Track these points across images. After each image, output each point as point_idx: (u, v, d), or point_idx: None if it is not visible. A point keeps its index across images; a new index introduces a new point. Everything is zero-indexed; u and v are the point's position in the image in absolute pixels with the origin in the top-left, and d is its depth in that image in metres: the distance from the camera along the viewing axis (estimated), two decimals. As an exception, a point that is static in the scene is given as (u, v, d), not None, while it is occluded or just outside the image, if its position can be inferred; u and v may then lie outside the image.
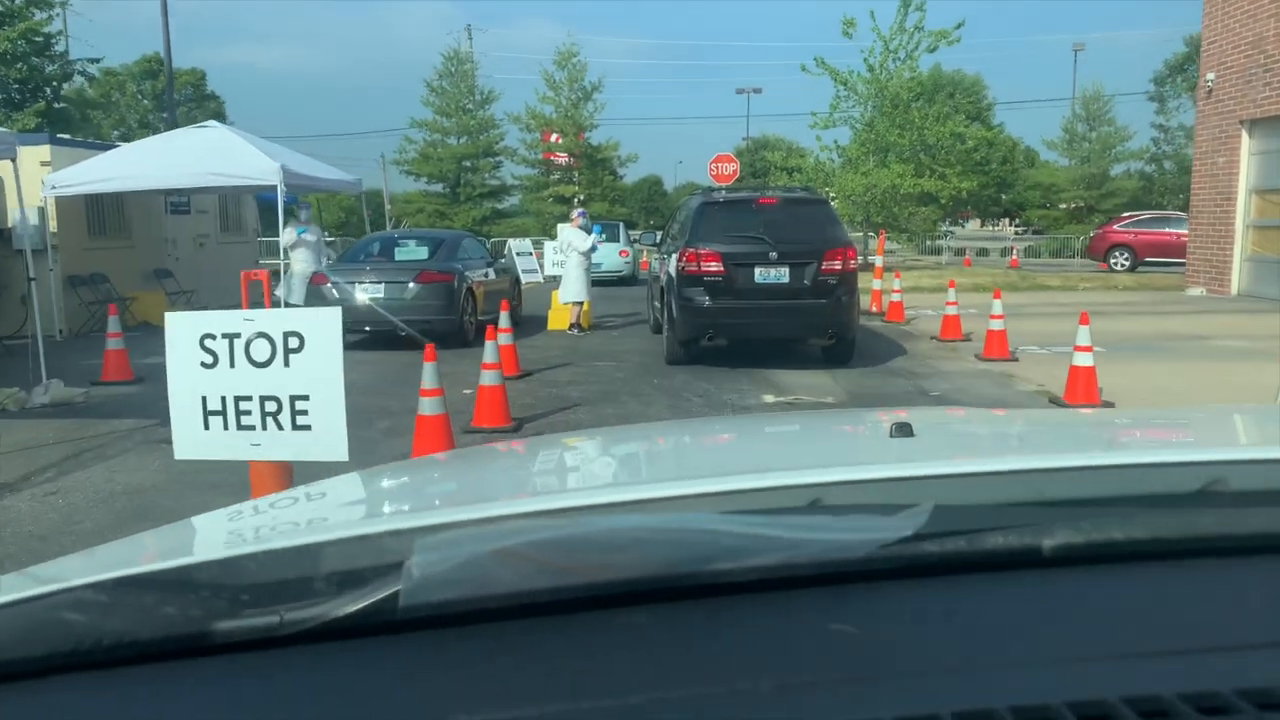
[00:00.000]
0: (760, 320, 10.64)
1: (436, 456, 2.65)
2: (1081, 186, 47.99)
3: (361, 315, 11.89)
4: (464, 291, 12.25)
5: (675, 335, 11.06)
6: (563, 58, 46.65)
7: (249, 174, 13.32)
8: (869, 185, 26.67)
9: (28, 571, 1.05)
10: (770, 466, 1.45)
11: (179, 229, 17.53)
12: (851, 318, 10.96)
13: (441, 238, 13.23)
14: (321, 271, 12.21)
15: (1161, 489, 1.04)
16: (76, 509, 5.87)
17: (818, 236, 10.77)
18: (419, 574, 0.81)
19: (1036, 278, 23.92)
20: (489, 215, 48.03)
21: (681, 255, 10.87)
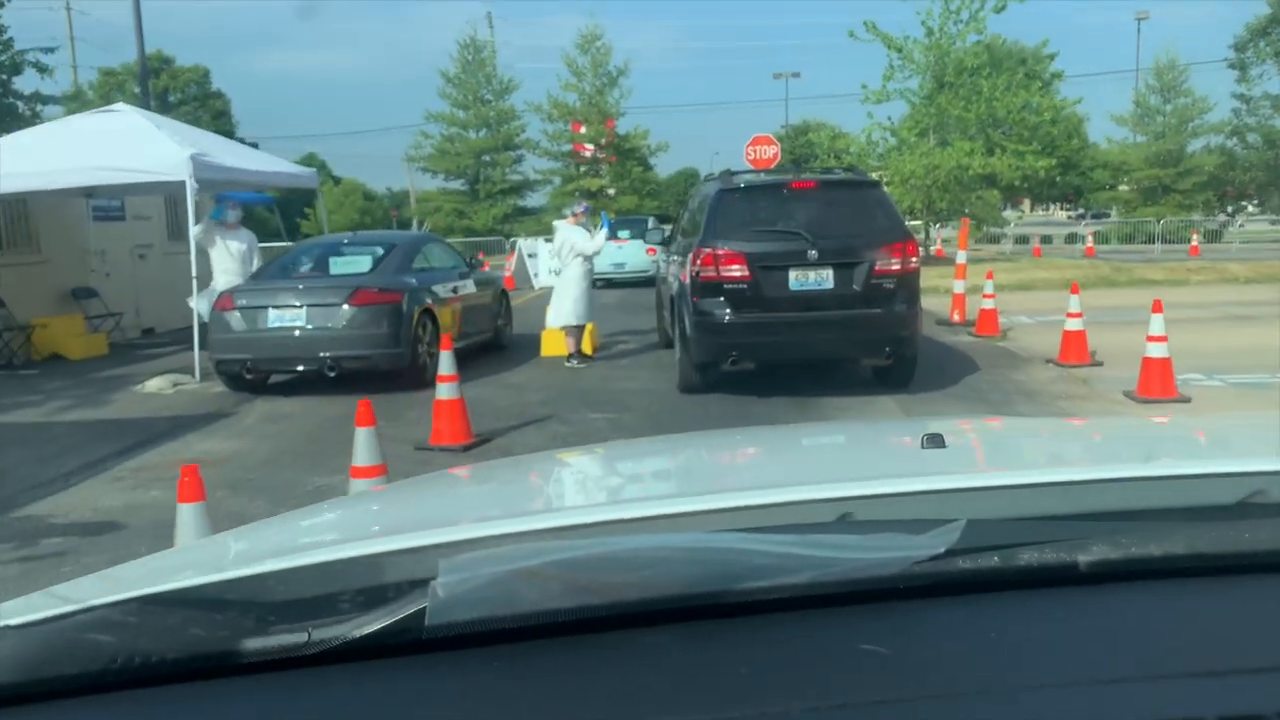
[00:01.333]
0: (797, 338, 7.95)
1: (459, 471, 2.18)
2: (1155, 164, 43.80)
3: (275, 350, 8.84)
4: (417, 315, 9.13)
5: (689, 358, 8.35)
6: (585, 41, 43.53)
7: (150, 167, 10.43)
8: (930, 166, 23.16)
9: (53, 590, 1.03)
10: (799, 480, 1.41)
11: (109, 239, 14.64)
12: (914, 331, 8.16)
13: (392, 243, 10.10)
14: (228, 293, 9.16)
15: (1200, 501, 1.01)
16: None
17: (869, 229, 7.98)
18: (444, 593, 0.79)
19: (1132, 270, 20.32)
20: (510, 213, 45.11)
21: (695, 257, 7.83)
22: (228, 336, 8.85)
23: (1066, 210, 72.70)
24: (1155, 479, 1.14)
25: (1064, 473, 1.21)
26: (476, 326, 11.14)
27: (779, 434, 2.62)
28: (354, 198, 50.00)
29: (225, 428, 7.79)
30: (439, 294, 10.00)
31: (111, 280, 14.58)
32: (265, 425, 7.81)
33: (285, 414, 8.29)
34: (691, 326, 8.16)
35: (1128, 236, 41.45)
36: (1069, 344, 9.32)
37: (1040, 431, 2.03)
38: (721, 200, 8.20)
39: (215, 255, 11.00)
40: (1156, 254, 31.30)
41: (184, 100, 45.81)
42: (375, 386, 9.01)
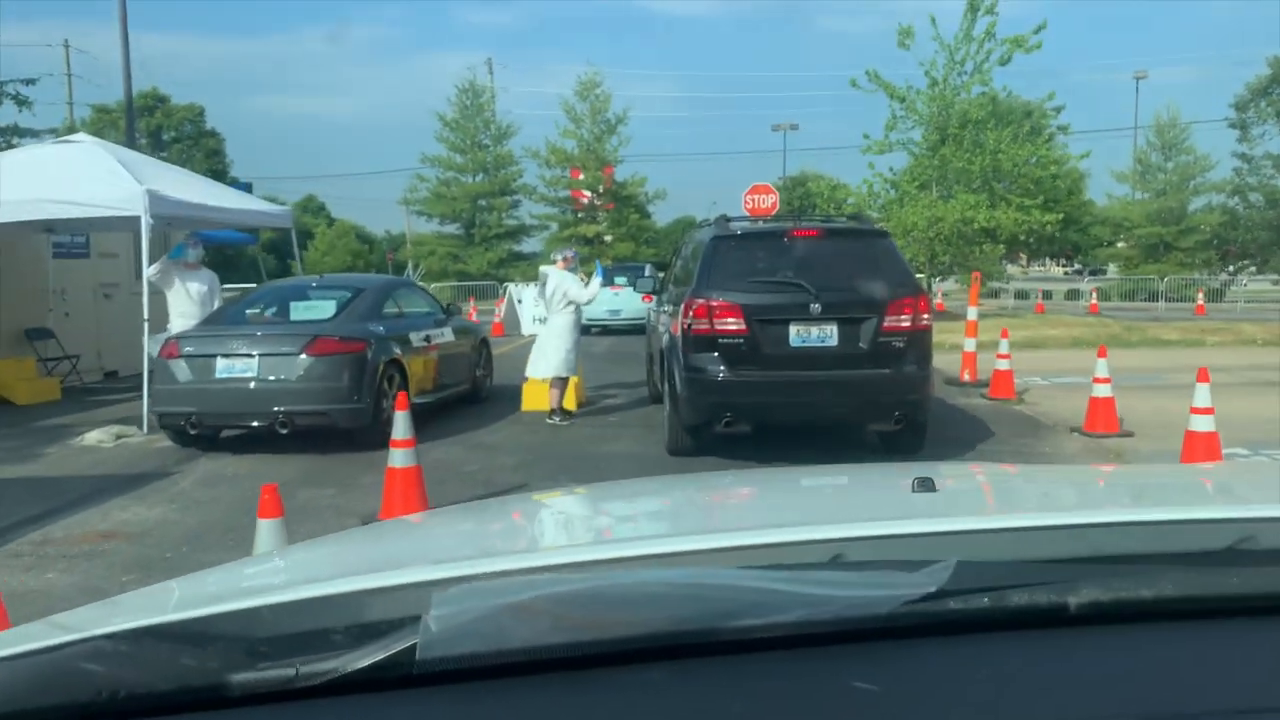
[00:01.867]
0: (797, 399, 7.22)
1: (452, 509, 2.44)
2: (1157, 221, 43.42)
3: (223, 404, 7.99)
4: (382, 366, 8.30)
5: (679, 419, 7.57)
6: (584, 88, 43.33)
7: (102, 201, 9.68)
8: (933, 219, 22.53)
9: (50, 620, 1.04)
10: (790, 521, 1.42)
11: (71, 276, 13.84)
12: (926, 394, 7.43)
13: (359, 287, 9.29)
14: (174, 339, 8.33)
15: (1189, 547, 1.02)
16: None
17: (876, 281, 7.26)
18: (436, 628, 0.80)
19: (1144, 329, 19.59)
20: (506, 258, 44.50)
21: (687, 308, 7.10)
22: (172, 387, 8.02)
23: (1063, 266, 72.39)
24: (1145, 524, 1.14)
25: (1055, 517, 1.24)
26: (453, 378, 10.32)
27: (770, 476, 2.50)
28: (347, 240, 49.37)
29: (156, 491, 6.92)
30: (411, 343, 9.19)
31: (72, 320, 13.77)
32: (202, 490, 6.95)
33: (228, 476, 7.43)
34: (682, 384, 7.36)
35: (1129, 293, 40.94)
36: (1096, 412, 8.49)
37: (1031, 476, 2.05)
38: (717, 248, 7.45)
39: (173, 297, 10.21)
40: (1161, 312, 30.68)
41: (178, 139, 45.45)
42: (334, 445, 8.18)
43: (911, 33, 23.29)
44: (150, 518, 6.17)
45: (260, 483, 7.30)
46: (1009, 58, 23.01)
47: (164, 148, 45.68)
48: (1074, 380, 12.44)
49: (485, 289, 38.21)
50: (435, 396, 9.76)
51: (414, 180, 46.55)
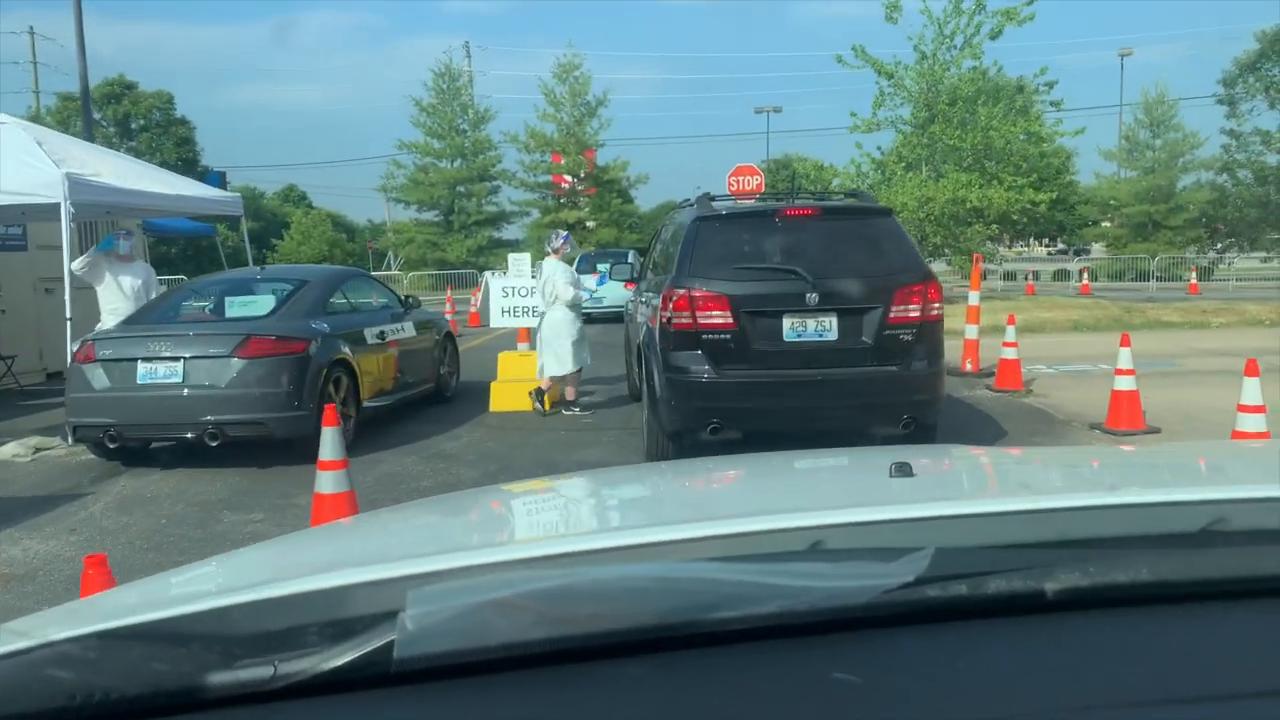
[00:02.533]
0: (793, 402, 6.37)
1: (429, 500, 2.32)
2: (1145, 200, 42.75)
3: (144, 414, 7.11)
4: (326, 367, 7.42)
5: (659, 424, 6.73)
6: (563, 70, 42.30)
7: (16, 187, 8.73)
8: (924, 199, 21.72)
9: (10, 626, 1.00)
10: (769, 509, 1.42)
11: (6, 271, 12.87)
12: (938, 393, 6.59)
13: (302, 279, 8.38)
14: (91, 340, 7.42)
15: (1163, 529, 1.03)
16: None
17: (881, 266, 6.45)
18: (413, 625, 0.79)
19: (1144, 310, 18.86)
20: (486, 245, 43.47)
21: (666, 300, 6.32)
22: (87, 396, 7.12)
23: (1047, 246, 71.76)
24: (1120, 507, 1.13)
25: (1031, 501, 1.22)
26: (414, 376, 9.45)
27: (747, 461, 2.44)
28: (323, 228, 48.13)
29: (60, 519, 6.05)
30: (363, 340, 8.31)
31: (9, 318, 12.81)
32: (112, 516, 6.08)
33: (147, 497, 6.56)
34: (662, 385, 6.53)
35: (1118, 273, 40.31)
36: (1120, 406, 7.70)
37: (1007, 460, 2.05)
38: (699, 230, 6.59)
39: (104, 292, 9.31)
40: (1153, 292, 30.05)
41: (146, 127, 44.13)
42: (273, 456, 7.31)
43: (899, 6, 22.46)
44: (40, 555, 5.30)
45: (183, 504, 6.48)
46: (1000, 30, 22.17)
47: (132, 136, 44.46)
48: (1082, 368, 11.69)
49: (465, 277, 37.26)
50: (394, 398, 8.89)
51: (390, 167, 45.48)
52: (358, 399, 8.00)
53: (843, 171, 24.10)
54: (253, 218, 57.12)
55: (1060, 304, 21.68)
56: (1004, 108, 22.80)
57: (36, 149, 9.07)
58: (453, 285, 30.68)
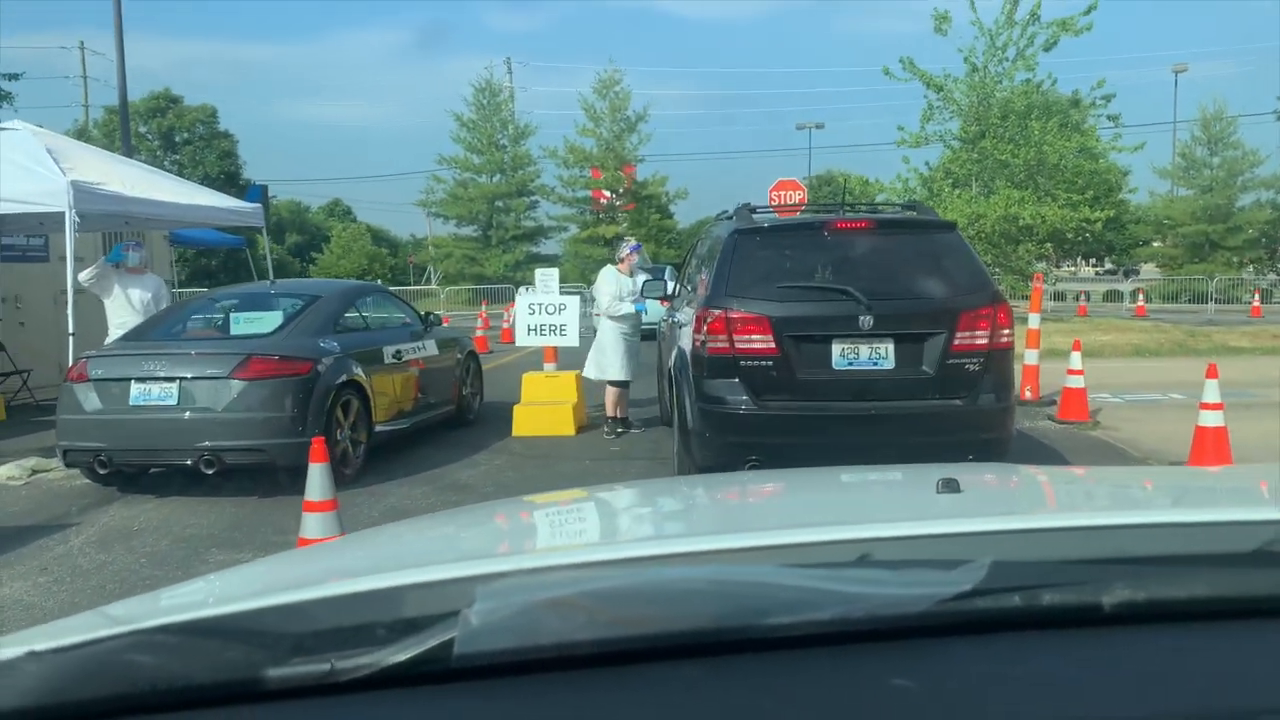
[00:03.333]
0: (842, 438, 5.68)
1: (488, 505, 2.26)
2: (1202, 219, 41.35)
3: (137, 439, 6.61)
4: (334, 390, 6.88)
5: (691, 459, 6.06)
6: (603, 85, 41.90)
7: (21, 196, 8.35)
8: (974, 216, 20.89)
9: (101, 611, 1.07)
10: (818, 521, 1.44)
11: (26, 282, 12.61)
12: (1007, 430, 5.86)
13: (315, 294, 7.86)
14: (84, 359, 6.94)
15: (1220, 548, 1.01)
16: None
17: (944, 286, 5.78)
18: (474, 622, 0.81)
19: (1209, 334, 17.87)
20: (524, 259, 43.10)
21: (700, 322, 5.70)
22: (78, 418, 6.64)
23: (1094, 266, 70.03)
24: (1175, 525, 1.13)
25: (1083, 518, 1.23)
26: (434, 398, 8.90)
27: (797, 475, 2.29)
28: (361, 242, 48.15)
29: (35, 554, 5.54)
30: (377, 360, 7.78)
31: (27, 330, 12.53)
32: (90, 553, 5.56)
33: (134, 529, 6.04)
34: (694, 416, 5.90)
35: (1172, 295, 38.95)
36: (1204, 445, 6.91)
37: (1054, 479, 1.97)
38: (738, 245, 5.95)
39: (112, 305, 8.93)
40: (1212, 314, 28.85)
41: (190, 140, 44.45)
42: (275, 485, 6.77)
43: (949, 18, 21.75)
44: (1, 598, 4.78)
45: (169, 539, 5.94)
46: (1054, 41, 21.35)
47: (176, 149, 44.81)
48: (1150, 397, 10.86)
49: (501, 292, 36.90)
50: (410, 421, 8.34)
51: (430, 182, 45.41)
52: (369, 423, 7.46)
53: (889, 187, 23.34)
54: (298, 231, 57.85)
55: (1118, 326, 20.71)
56: (1057, 122, 21.93)
57: (45, 156, 8.68)
58: (487, 300, 30.29)
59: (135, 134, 44.96)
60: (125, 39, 19.17)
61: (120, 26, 19.28)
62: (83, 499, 6.88)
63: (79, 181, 8.27)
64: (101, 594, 4.80)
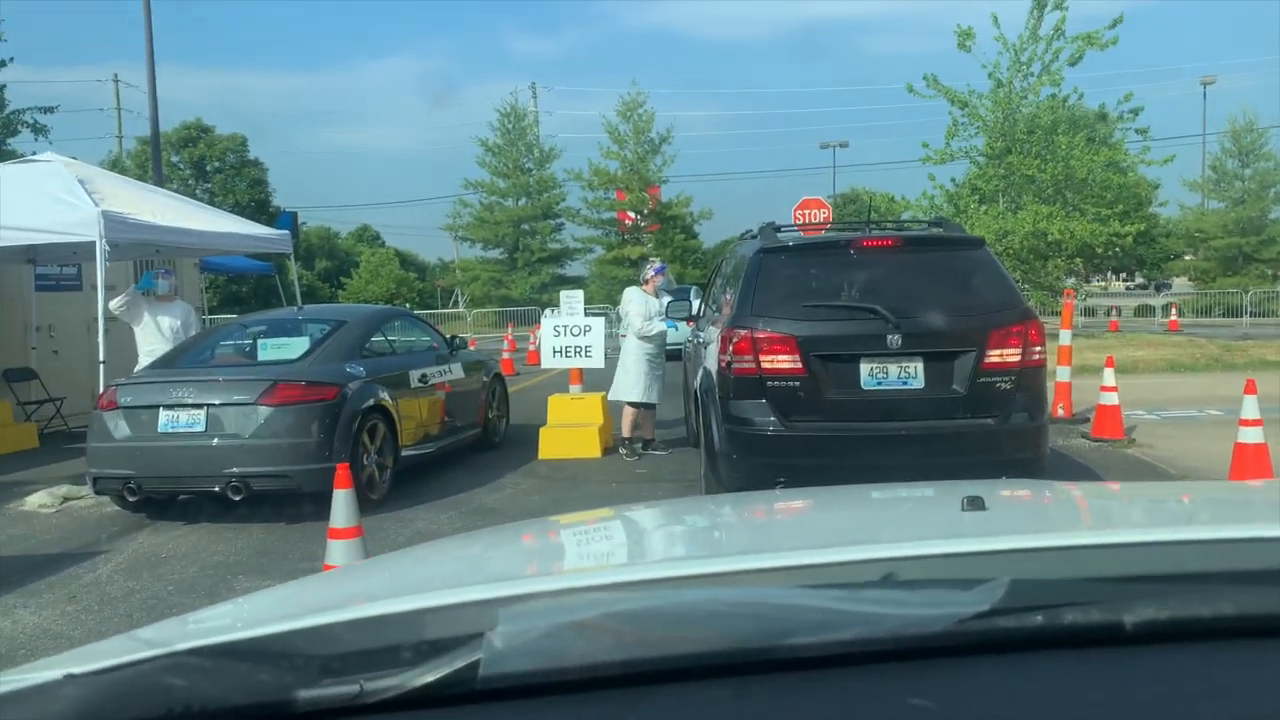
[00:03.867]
0: (873, 459, 5.57)
1: (512, 526, 2.29)
2: (1235, 232, 40.81)
3: (165, 465, 6.64)
4: (361, 415, 6.89)
5: (718, 480, 5.95)
6: (627, 108, 42.10)
7: (53, 226, 8.50)
8: (1001, 232, 20.73)
9: (133, 634, 1.08)
10: (842, 540, 1.44)
11: (60, 311, 12.78)
12: (1041, 450, 5.72)
13: (341, 319, 7.90)
14: (114, 386, 7.00)
15: (1245, 565, 0.99)
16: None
17: (973, 304, 5.68)
18: (500, 644, 0.82)
19: (1246, 349, 17.56)
20: (549, 281, 43.27)
21: (726, 342, 5.66)
22: (107, 445, 6.69)
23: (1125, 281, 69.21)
24: (1199, 542, 1.10)
25: (1108, 535, 1.22)
26: (460, 421, 8.90)
27: (819, 494, 2.23)
28: (390, 267, 48.54)
29: (65, 582, 5.56)
30: (403, 384, 7.79)
31: (60, 359, 12.68)
32: (120, 580, 5.57)
33: (162, 557, 6.05)
34: (721, 437, 5.84)
35: (1205, 309, 38.34)
36: (1245, 461, 6.75)
37: (1081, 495, 1.93)
38: (763, 263, 5.91)
39: (141, 333, 9.02)
40: (1247, 328, 28.39)
41: (221, 169, 45.09)
42: (302, 510, 6.77)
43: (972, 34, 21.65)
44: (29, 629, 4.79)
45: (197, 566, 5.95)
46: (1080, 56, 21.21)
47: (207, 178, 45.45)
48: (1186, 414, 10.65)
49: (528, 314, 37.03)
50: (436, 445, 8.34)
51: (456, 206, 45.77)
52: (396, 447, 7.46)
53: (914, 204, 23.21)
54: (327, 257, 58.45)
55: (1151, 341, 20.41)
56: (1084, 136, 21.74)
57: (77, 187, 8.81)
58: (513, 322, 30.41)
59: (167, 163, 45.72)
60: (157, 70, 19.51)
61: (152, 59, 19.64)
62: (112, 526, 6.91)
63: (110, 211, 8.38)
64: (129, 622, 4.80)
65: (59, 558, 6.09)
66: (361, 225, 67.07)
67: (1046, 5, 21.10)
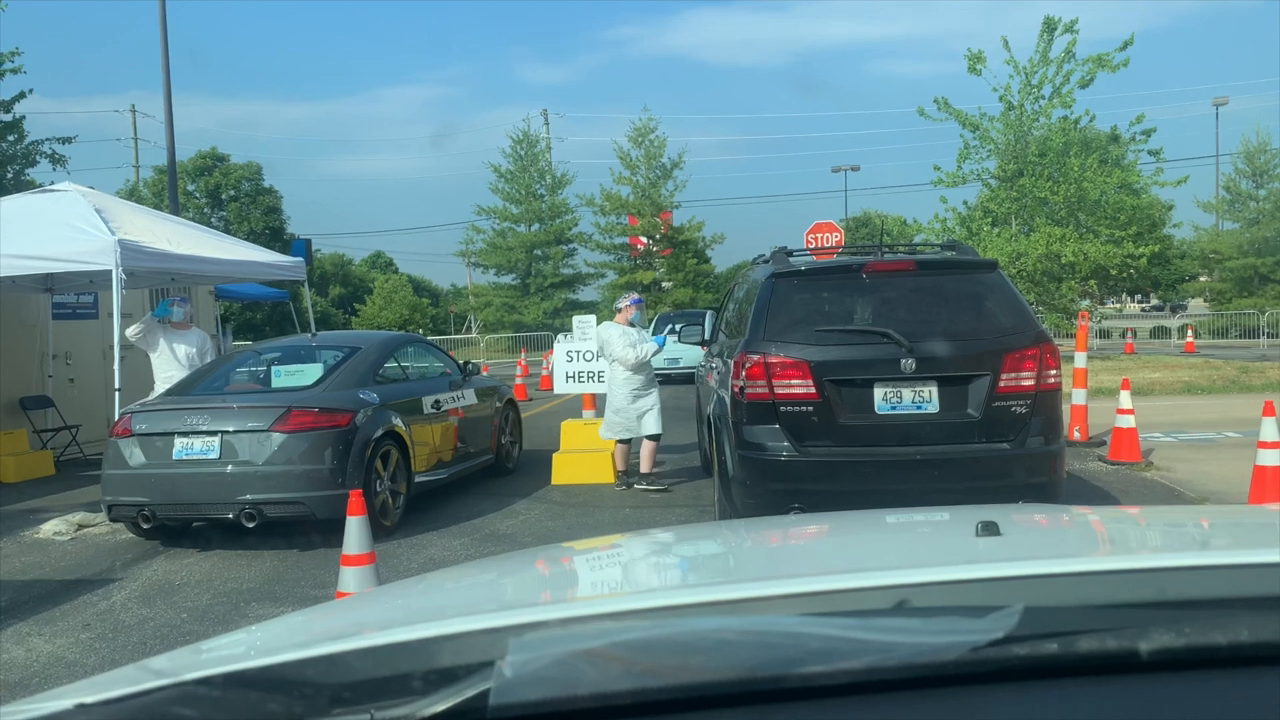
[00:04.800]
0: (888, 484, 5.53)
1: (523, 553, 2.19)
2: (1250, 252, 40.58)
3: (179, 493, 6.65)
4: (374, 442, 6.89)
5: (732, 506, 5.96)
6: (639, 134, 42.32)
7: (70, 255, 8.56)
8: (1014, 254, 20.68)
9: (143, 664, 1.08)
10: (855, 566, 1.41)
11: (76, 339, 12.88)
12: (1058, 474, 5.61)
13: (355, 346, 7.92)
14: (128, 413, 7.03)
15: (1263, 591, 0.98)
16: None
17: (987, 327, 5.64)
18: (510, 673, 0.82)
19: (1264, 370, 17.40)
20: (562, 307, 43.38)
21: (739, 367, 5.66)
22: (122, 473, 6.71)
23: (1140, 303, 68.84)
24: (1216, 567, 1.10)
25: (1123, 560, 1.22)
26: (473, 447, 8.90)
27: (832, 519, 2.21)
28: (403, 293, 48.79)
29: (79, 610, 5.56)
30: (417, 410, 7.80)
31: (77, 386, 12.79)
32: (133, 608, 5.57)
33: (176, 584, 6.05)
34: (735, 463, 5.81)
35: (1221, 330, 38.09)
36: (1265, 484, 6.67)
37: (1097, 519, 1.92)
38: (776, 288, 5.90)
39: (158, 360, 9.09)
40: (1265, 349, 28.16)
41: (236, 197, 45.53)
42: (318, 537, 6.77)
43: (982, 58, 21.68)
44: (43, 656, 4.78)
45: (210, 594, 5.94)
46: (1091, 78, 21.22)
47: (222, 206, 45.90)
48: (1204, 436, 10.56)
49: (540, 339, 37.11)
50: (450, 471, 8.34)
51: (469, 232, 46.05)
52: (409, 473, 7.46)
53: (927, 227, 23.20)
54: (341, 283, 58.84)
55: (1168, 363, 20.29)
56: (1097, 158, 21.71)
57: (94, 216, 8.89)
58: (526, 348, 30.47)
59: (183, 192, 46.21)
60: (174, 100, 19.74)
61: (169, 90, 19.88)
62: (126, 554, 6.92)
63: (126, 240, 8.45)
64: (142, 650, 4.80)
65: (73, 585, 6.10)
66: (375, 252, 67.71)
67: (1056, 28, 21.15)
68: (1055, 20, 21.10)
